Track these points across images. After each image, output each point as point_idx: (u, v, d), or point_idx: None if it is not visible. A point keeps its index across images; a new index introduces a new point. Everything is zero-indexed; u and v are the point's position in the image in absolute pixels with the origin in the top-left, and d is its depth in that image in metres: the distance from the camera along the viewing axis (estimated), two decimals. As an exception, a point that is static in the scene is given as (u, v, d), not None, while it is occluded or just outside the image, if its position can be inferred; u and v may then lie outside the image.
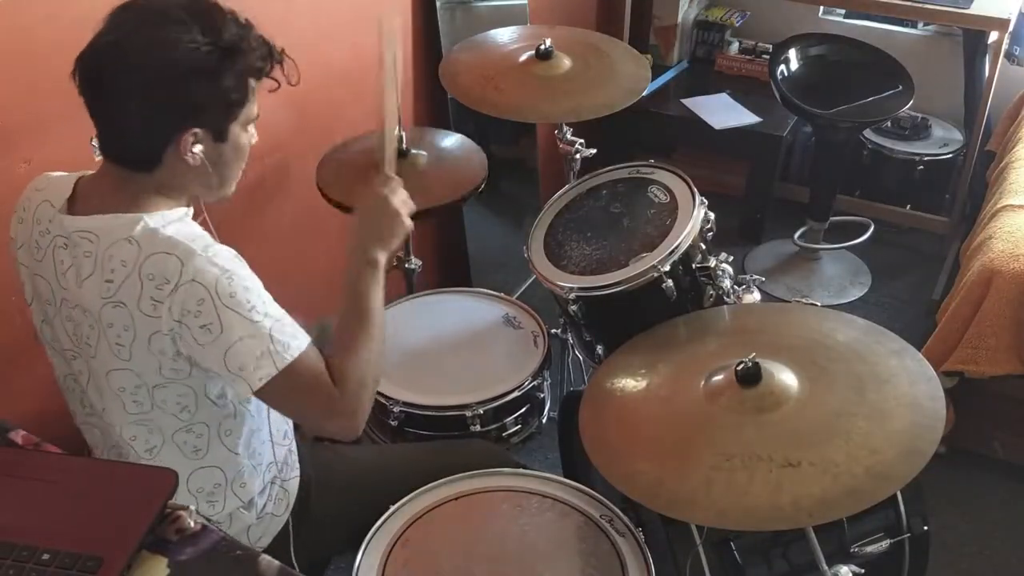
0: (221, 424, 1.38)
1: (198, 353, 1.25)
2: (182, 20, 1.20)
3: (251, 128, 1.33)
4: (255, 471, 1.46)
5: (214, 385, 1.33)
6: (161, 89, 1.21)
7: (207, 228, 1.33)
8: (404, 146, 2.08)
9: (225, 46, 1.22)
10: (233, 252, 1.27)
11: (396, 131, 1.51)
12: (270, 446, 1.48)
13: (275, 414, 1.47)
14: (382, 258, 1.41)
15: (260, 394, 1.27)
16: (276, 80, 1.32)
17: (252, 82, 1.27)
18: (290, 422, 1.52)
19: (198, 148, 1.26)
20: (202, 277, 1.21)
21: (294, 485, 1.56)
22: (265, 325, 1.24)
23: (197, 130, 1.24)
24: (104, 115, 1.25)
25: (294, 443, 1.56)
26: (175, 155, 1.25)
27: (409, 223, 1.46)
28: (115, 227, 1.25)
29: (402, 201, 1.47)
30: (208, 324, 1.22)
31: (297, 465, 1.56)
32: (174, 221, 1.27)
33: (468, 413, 1.81)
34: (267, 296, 1.27)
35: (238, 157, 1.33)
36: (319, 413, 1.33)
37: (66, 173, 1.37)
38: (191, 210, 1.34)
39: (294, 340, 1.27)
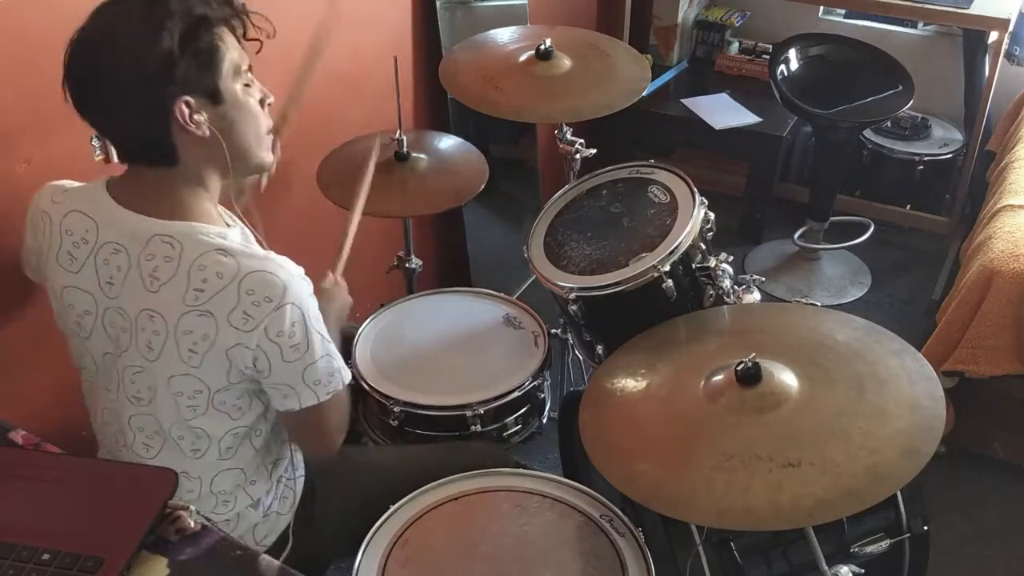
0: (254, 425, 1.41)
1: (278, 368, 1.30)
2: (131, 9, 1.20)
3: (253, 85, 1.31)
4: (266, 470, 1.48)
5: (263, 389, 1.37)
6: (126, 74, 1.20)
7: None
8: (405, 150, 2.08)
9: (175, 8, 1.20)
10: (302, 271, 1.32)
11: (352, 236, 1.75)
12: (283, 446, 1.50)
13: None
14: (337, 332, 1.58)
15: (309, 409, 1.35)
16: (252, 36, 1.30)
17: (224, 32, 1.25)
18: None
19: (200, 117, 1.24)
20: (300, 300, 1.27)
21: (299, 484, 1.56)
22: (333, 348, 1.36)
23: (187, 98, 1.22)
24: (102, 125, 1.25)
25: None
26: (184, 134, 1.24)
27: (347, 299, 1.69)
28: (197, 235, 1.26)
29: (345, 295, 1.69)
30: (298, 344, 1.29)
31: (302, 464, 1.57)
32: (248, 237, 1.34)
33: (468, 413, 1.81)
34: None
35: (247, 115, 1.30)
36: (339, 428, 1.45)
37: (77, 183, 1.37)
38: (238, 222, 1.39)
39: (344, 362, 1.40)
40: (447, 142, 2.22)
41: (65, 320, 1.37)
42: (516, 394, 1.85)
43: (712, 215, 1.81)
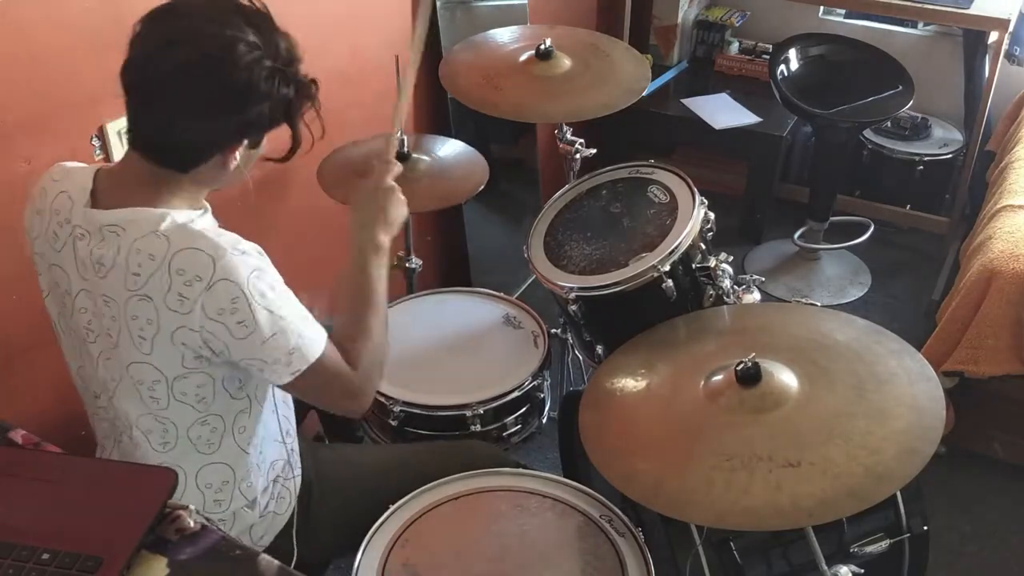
0: (236, 419, 1.40)
1: (233, 346, 1.27)
2: (241, 29, 1.20)
3: None
4: (259, 470, 1.47)
5: (233, 376, 1.35)
6: (221, 106, 1.22)
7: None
8: (406, 150, 2.09)
9: (282, 65, 1.24)
10: (258, 248, 1.29)
11: (403, 123, 1.61)
12: (277, 445, 1.49)
13: (282, 412, 1.48)
14: (387, 241, 1.46)
15: (289, 386, 1.33)
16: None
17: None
18: (294, 421, 1.53)
19: (239, 155, 1.28)
20: (234, 275, 1.23)
21: (296, 484, 1.56)
22: (293, 322, 1.28)
23: (245, 143, 1.27)
24: (153, 119, 1.24)
25: (296, 442, 1.56)
26: (218, 161, 1.27)
27: (406, 208, 1.52)
28: (142, 220, 1.25)
29: (398, 186, 1.52)
30: (243, 321, 1.24)
31: (299, 464, 1.57)
32: (199, 217, 1.29)
33: (468, 413, 1.81)
34: (290, 293, 1.31)
35: (251, 163, 1.35)
36: (339, 396, 1.39)
37: (83, 164, 1.37)
38: (208, 208, 1.35)
39: (319, 335, 1.32)
40: (447, 145, 2.22)
41: (55, 301, 1.38)
42: (516, 394, 1.85)
43: (712, 215, 1.81)
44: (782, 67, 3.04)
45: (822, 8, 3.43)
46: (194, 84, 1.20)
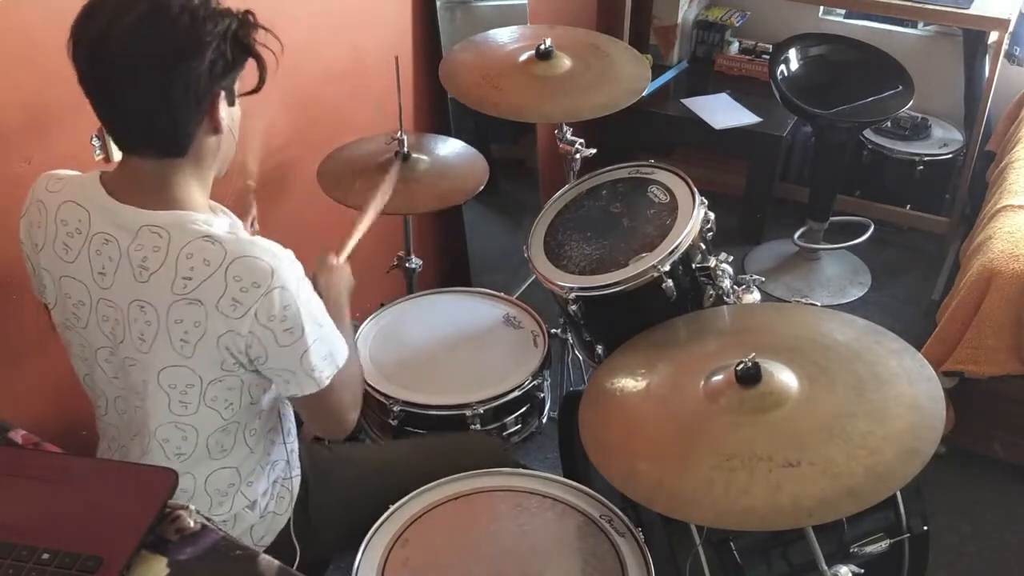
0: (248, 423, 1.41)
1: (275, 353, 1.29)
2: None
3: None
4: (263, 470, 1.47)
5: (260, 383, 1.36)
6: (178, 61, 1.19)
7: None
8: (406, 150, 2.09)
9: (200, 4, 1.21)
10: (292, 254, 1.32)
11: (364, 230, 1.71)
12: (279, 447, 1.50)
13: (287, 412, 1.49)
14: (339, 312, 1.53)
15: (314, 395, 1.35)
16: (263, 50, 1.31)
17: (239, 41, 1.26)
18: (294, 421, 1.53)
19: (224, 113, 1.27)
20: (288, 284, 1.26)
21: (295, 484, 1.56)
22: (327, 329, 1.34)
23: (222, 91, 1.25)
24: (122, 112, 1.24)
25: (296, 442, 1.56)
26: (205, 127, 1.26)
27: (345, 283, 1.60)
28: (185, 223, 1.26)
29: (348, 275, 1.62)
30: (291, 328, 1.28)
31: (298, 464, 1.57)
32: (236, 225, 1.32)
33: (468, 412, 1.81)
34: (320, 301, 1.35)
35: (238, 121, 1.35)
36: (348, 406, 1.44)
37: (74, 172, 1.36)
38: (225, 210, 1.37)
39: (343, 342, 1.39)
40: (447, 144, 2.22)
41: (63, 311, 1.37)
42: (516, 394, 1.85)
43: (712, 215, 1.81)
44: (782, 67, 3.04)
45: (822, 8, 3.43)
46: (145, 54, 1.18)
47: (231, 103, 1.29)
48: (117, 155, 1.65)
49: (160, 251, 1.25)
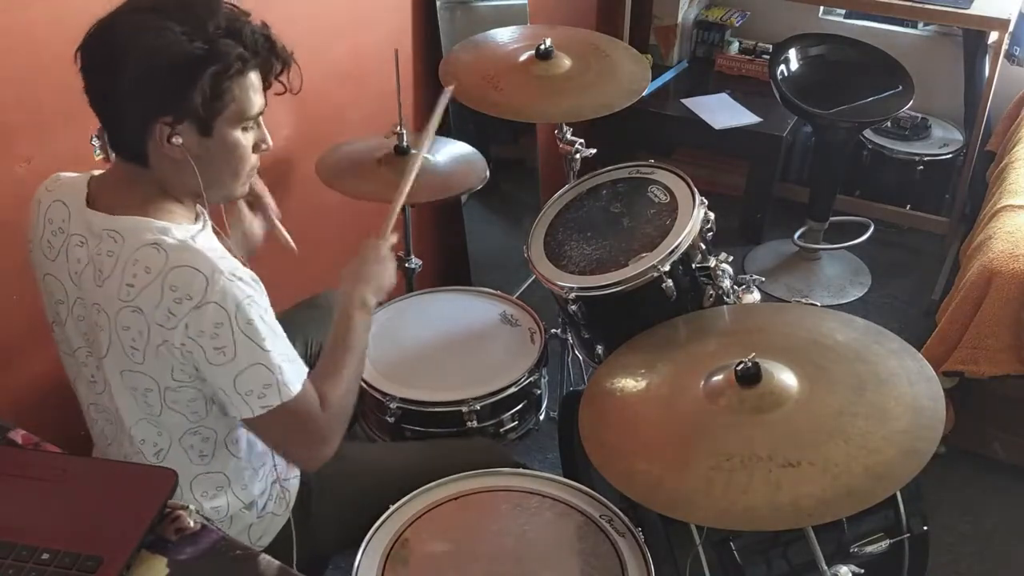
0: (228, 434, 1.40)
1: (207, 371, 1.26)
2: (167, 10, 1.19)
3: (252, 131, 1.31)
4: (256, 474, 1.47)
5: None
6: (138, 79, 1.19)
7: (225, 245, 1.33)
8: (405, 144, 2.09)
9: (208, 39, 1.19)
10: (254, 276, 1.28)
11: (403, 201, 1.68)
12: (269, 452, 1.48)
13: None
14: (373, 302, 1.51)
15: (252, 422, 1.30)
16: (282, 83, 1.31)
17: (246, 79, 1.24)
18: None
19: (176, 140, 1.23)
20: (224, 300, 1.21)
21: (294, 485, 1.56)
22: (275, 357, 1.27)
23: (169, 119, 1.21)
24: (97, 106, 1.25)
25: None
26: (156, 148, 1.24)
27: (395, 276, 1.57)
28: (141, 230, 1.25)
29: (392, 256, 1.57)
30: (223, 347, 1.23)
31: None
32: (199, 233, 1.28)
33: (465, 409, 1.81)
34: (279, 327, 1.30)
35: (229, 155, 1.29)
36: (304, 441, 1.37)
37: (77, 173, 1.37)
38: (208, 222, 1.34)
39: (299, 374, 1.31)
40: (447, 145, 2.22)
41: (49, 309, 1.38)
42: (512, 390, 1.85)
43: (712, 215, 1.81)
44: (782, 67, 3.04)
45: (822, 8, 3.43)
46: (113, 61, 1.19)
47: (204, 135, 1.25)
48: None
49: (113, 256, 1.25)
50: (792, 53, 3.06)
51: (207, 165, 1.27)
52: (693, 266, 1.78)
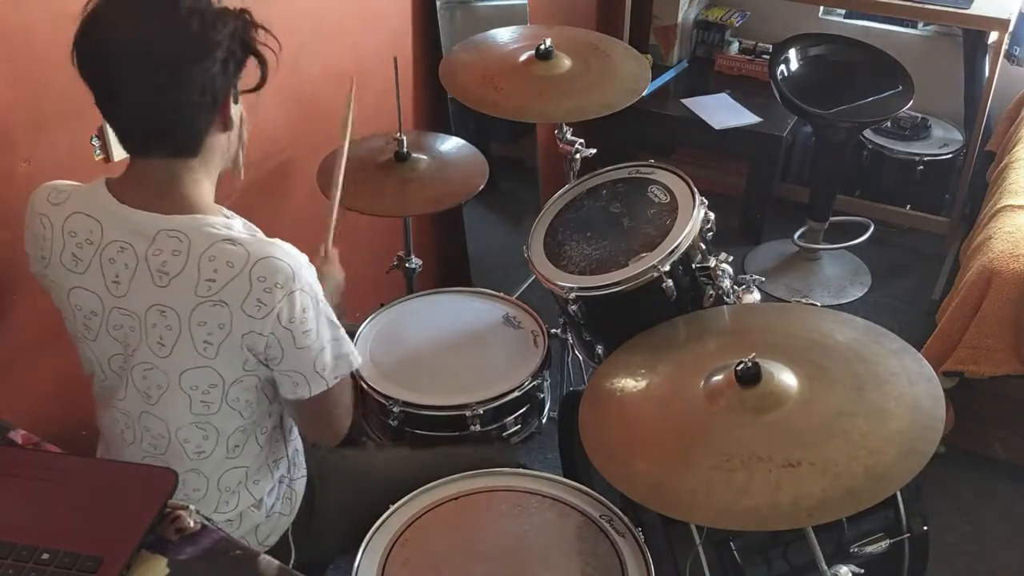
0: (262, 422, 1.42)
1: (291, 355, 1.31)
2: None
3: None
4: (268, 469, 1.48)
5: (273, 384, 1.39)
6: (190, 60, 1.20)
7: None
8: (405, 149, 2.09)
9: (208, 3, 1.23)
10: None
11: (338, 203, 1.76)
12: (282, 444, 1.50)
13: (287, 410, 1.49)
14: (338, 300, 1.62)
15: (315, 398, 1.36)
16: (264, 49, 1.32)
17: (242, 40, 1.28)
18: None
19: (233, 110, 1.30)
20: (308, 286, 1.30)
21: (301, 485, 1.56)
22: (341, 332, 1.38)
23: (232, 90, 1.28)
24: (133, 116, 1.25)
25: (300, 441, 1.56)
26: (217, 125, 1.28)
27: (338, 276, 1.68)
28: (204, 226, 1.27)
29: (338, 269, 1.69)
30: (309, 330, 1.31)
31: (304, 465, 1.57)
32: (243, 225, 1.34)
33: (468, 413, 1.81)
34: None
35: (245, 119, 1.37)
36: (347, 413, 1.46)
37: (73, 182, 1.36)
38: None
39: (354, 347, 1.42)
40: (447, 142, 2.22)
41: (74, 324, 1.37)
42: (515, 394, 1.85)
43: (712, 215, 1.81)
44: (782, 67, 3.04)
45: (822, 8, 3.43)
46: (156, 57, 1.19)
47: (235, 100, 1.31)
48: (117, 155, 1.66)
49: (181, 255, 1.26)
50: (792, 53, 3.07)
51: (241, 133, 1.36)
52: (693, 266, 1.78)
